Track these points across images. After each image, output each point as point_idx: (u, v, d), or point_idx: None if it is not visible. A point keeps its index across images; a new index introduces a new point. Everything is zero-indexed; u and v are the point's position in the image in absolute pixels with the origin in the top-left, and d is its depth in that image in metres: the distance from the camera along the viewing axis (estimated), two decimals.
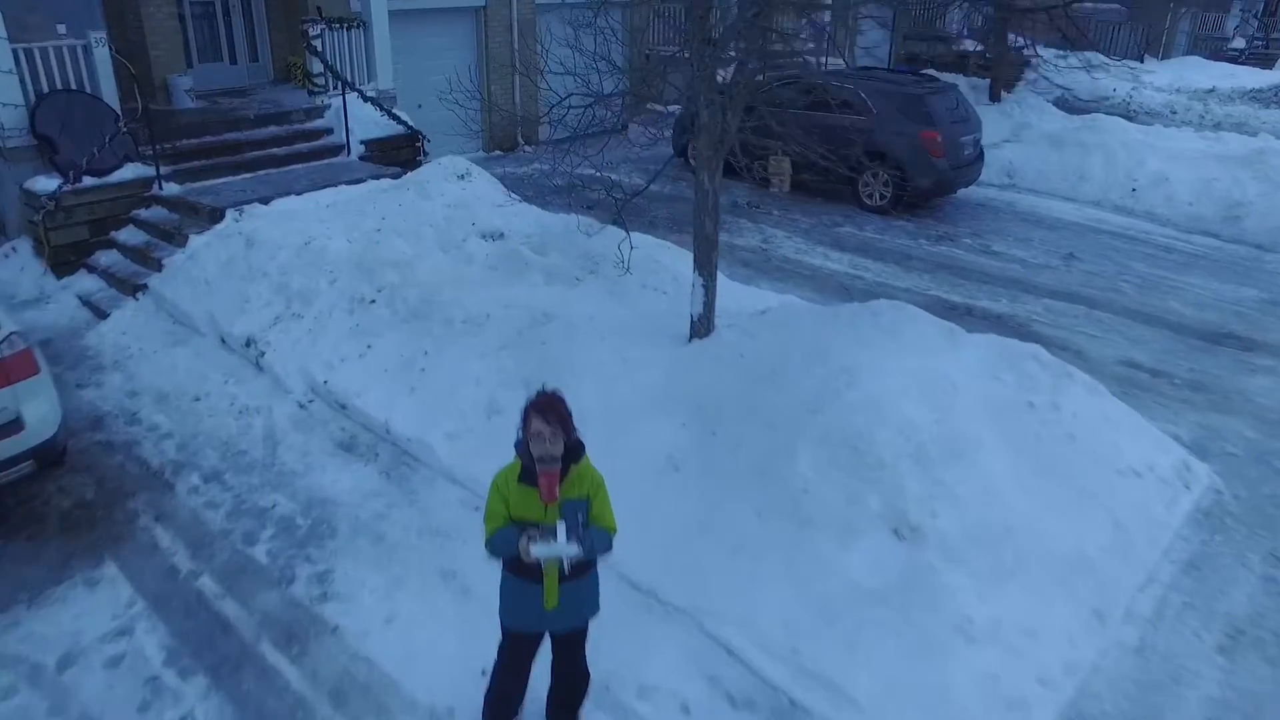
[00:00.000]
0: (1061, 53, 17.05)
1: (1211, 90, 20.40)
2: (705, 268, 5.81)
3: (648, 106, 6.05)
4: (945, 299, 9.45)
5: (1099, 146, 13.61)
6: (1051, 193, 13.52)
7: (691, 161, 14.27)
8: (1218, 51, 27.06)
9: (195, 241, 8.33)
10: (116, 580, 4.98)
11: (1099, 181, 13.38)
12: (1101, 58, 17.06)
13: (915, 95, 11.96)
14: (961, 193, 12.99)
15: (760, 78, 5.95)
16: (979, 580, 4.49)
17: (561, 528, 3.33)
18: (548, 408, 3.34)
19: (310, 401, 6.71)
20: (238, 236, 8.00)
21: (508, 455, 3.50)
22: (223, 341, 7.49)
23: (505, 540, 3.38)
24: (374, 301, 7.00)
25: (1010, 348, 6.08)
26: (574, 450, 3.40)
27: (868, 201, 12.29)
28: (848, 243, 11.13)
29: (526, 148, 14.98)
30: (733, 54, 5.36)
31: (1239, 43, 29.07)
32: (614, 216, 6.44)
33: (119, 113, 9.27)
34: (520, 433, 3.35)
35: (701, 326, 5.92)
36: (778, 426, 5.14)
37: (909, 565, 4.50)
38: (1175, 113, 19.23)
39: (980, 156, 12.79)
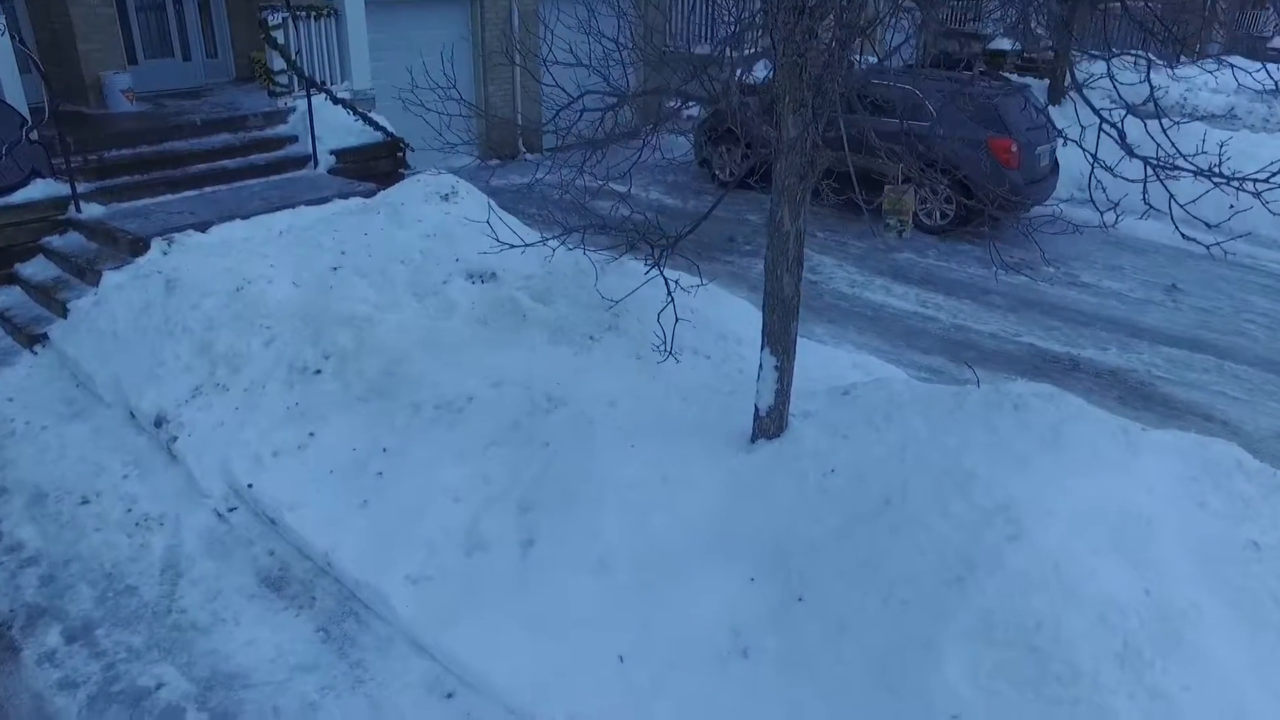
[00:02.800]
0: (1104, 53, 15.41)
1: (1275, 90, 18.70)
2: (781, 343, 4.05)
3: (673, 105, 4.19)
4: (1043, 347, 7.68)
5: (1189, 156, 11.80)
6: (1133, 209, 11.69)
7: (717, 174, 12.49)
8: (1256, 50, 25.35)
9: (108, 281, 6.58)
10: None
11: (1188, 195, 11.53)
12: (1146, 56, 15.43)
13: (984, 97, 10.18)
14: (1032, 210, 11.20)
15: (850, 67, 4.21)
16: None
17: None
18: None
19: (231, 510, 4.96)
20: (156, 276, 6.24)
21: (493, 612, 1.99)
22: (131, 416, 5.75)
23: None
24: (320, 372, 5.24)
25: (1206, 452, 4.30)
26: None
27: (925, 221, 10.50)
28: (910, 272, 9.35)
29: (528, 155, 13.24)
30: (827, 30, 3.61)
31: (1278, 41, 27.44)
32: (650, 264, 4.68)
33: (26, 117, 7.53)
34: None
35: (771, 423, 4.16)
36: (906, 601, 3.38)
37: None
38: (1237, 116, 17.72)
39: (1055, 169, 11.01)
